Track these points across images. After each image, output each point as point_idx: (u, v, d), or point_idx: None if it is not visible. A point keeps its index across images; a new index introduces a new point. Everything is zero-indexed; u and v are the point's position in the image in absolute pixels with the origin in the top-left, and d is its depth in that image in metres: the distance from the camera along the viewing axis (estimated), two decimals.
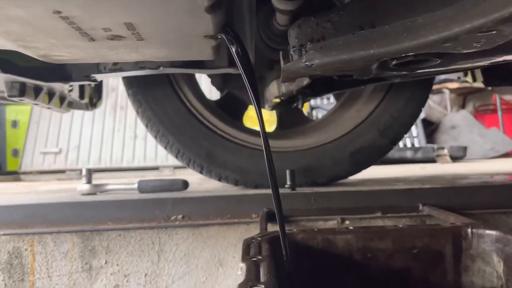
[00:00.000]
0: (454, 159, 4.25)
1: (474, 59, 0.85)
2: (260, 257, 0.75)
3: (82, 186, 1.69)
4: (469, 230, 0.95)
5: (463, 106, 6.79)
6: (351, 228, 1.01)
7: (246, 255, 0.78)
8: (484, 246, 0.94)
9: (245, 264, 0.71)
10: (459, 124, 5.19)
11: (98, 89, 1.86)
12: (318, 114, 4.85)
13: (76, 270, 1.29)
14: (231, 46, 0.69)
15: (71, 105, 1.65)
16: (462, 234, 0.96)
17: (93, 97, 1.80)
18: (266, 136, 0.79)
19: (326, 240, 0.96)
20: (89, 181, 1.69)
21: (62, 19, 0.55)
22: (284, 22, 1.41)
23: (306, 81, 1.09)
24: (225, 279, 1.29)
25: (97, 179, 2.35)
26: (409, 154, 3.91)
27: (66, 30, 0.60)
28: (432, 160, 4.04)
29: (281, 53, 0.95)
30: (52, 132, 5.37)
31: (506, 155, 5.19)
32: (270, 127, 4.32)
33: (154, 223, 1.35)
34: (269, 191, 1.53)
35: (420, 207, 1.37)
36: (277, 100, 1.49)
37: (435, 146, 4.13)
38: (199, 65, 1.13)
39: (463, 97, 6.77)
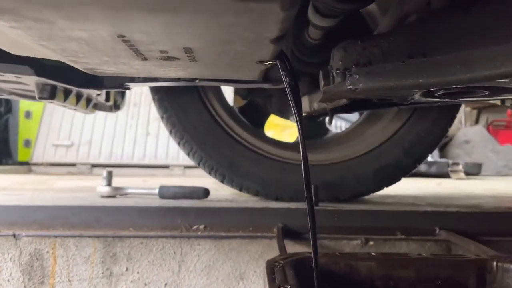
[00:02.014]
0: (468, 175, 4.21)
1: None
2: (288, 287, 0.74)
3: (102, 188, 1.68)
4: (495, 263, 0.93)
5: (477, 120, 6.74)
6: (373, 254, 0.99)
7: (273, 283, 0.77)
8: (509, 280, 0.92)
9: None
10: (473, 139, 5.14)
11: (121, 91, 1.85)
12: (335, 123, 4.82)
13: (96, 275, 1.29)
14: (283, 71, 0.68)
15: (96, 106, 1.65)
16: (487, 268, 0.94)
17: (117, 99, 1.80)
18: (306, 156, 0.78)
19: (349, 266, 0.95)
20: (109, 183, 1.69)
21: (123, 42, 0.54)
22: (317, 37, 1.39)
23: (344, 101, 1.08)
24: None
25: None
26: (423, 168, 3.88)
27: (124, 51, 0.59)
28: (446, 175, 4.00)
29: (321, 73, 0.93)
30: (65, 125, 5.39)
31: None
32: (283, 132, 4.30)
33: (176, 232, 1.34)
34: (291, 205, 1.51)
35: (437, 231, 1.36)
36: (305, 115, 1.47)
37: (450, 161, 4.10)
38: (234, 80, 1.11)
39: (477, 111, 6.72)
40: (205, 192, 1.61)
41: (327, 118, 1.81)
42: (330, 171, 1.61)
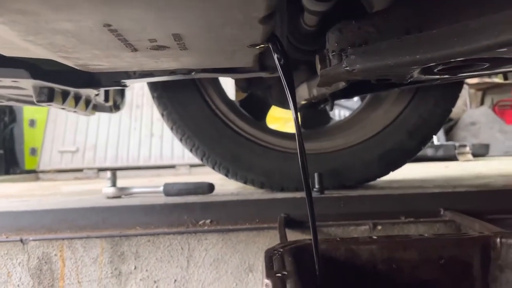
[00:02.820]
0: (476, 156, 4.17)
1: None
2: (285, 273, 0.73)
3: (107, 189, 1.68)
4: (498, 239, 0.91)
5: (482, 101, 6.67)
6: (374, 237, 0.97)
7: (270, 270, 0.75)
8: None
9: (271, 281, 0.68)
10: (479, 120, 5.09)
11: (121, 91, 1.85)
12: (338, 112, 4.80)
13: (105, 275, 1.29)
14: (275, 54, 0.67)
15: (96, 108, 1.64)
16: (491, 244, 0.92)
17: (117, 100, 1.79)
18: (302, 141, 0.77)
19: (350, 251, 0.93)
20: (114, 184, 1.69)
21: (110, 31, 0.54)
22: (312, 23, 1.38)
23: (342, 84, 1.06)
24: (255, 285, 1.28)
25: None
26: (430, 152, 3.84)
27: (112, 41, 0.58)
28: (454, 158, 3.96)
29: (317, 56, 0.92)
30: (69, 131, 5.42)
31: None
32: (286, 124, 4.28)
33: (182, 228, 1.33)
34: (296, 194, 1.50)
35: (442, 212, 1.34)
36: (305, 102, 1.46)
37: (457, 143, 4.06)
38: (231, 70, 1.10)
39: (482, 92, 6.65)
40: (210, 187, 1.60)
41: (327, 107, 1.79)
42: (334, 158, 1.59)
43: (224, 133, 1.59)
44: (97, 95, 1.45)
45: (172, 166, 5.11)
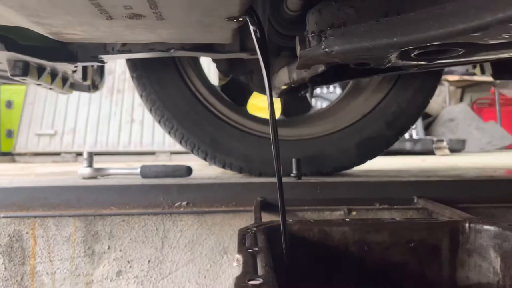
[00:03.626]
0: (453, 151, 4.26)
1: (498, 50, 0.83)
2: (256, 249, 0.73)
3: (83, 169, 1.66)
4: (467, 224, 0.94)
5: (461, 99, 6.80)
6: (347, 220, 0.99)
7: (242, 246, 0.76)
8: (482, 241, 0.94)
9: (242, 256, 0.69)
10: (458, 117, 5.19)
11: (100, 70, 1.82)
12: (319, 104, 4.82)
13: (78, 254, 1.27)
14: (253, 28, 0.67)
15: (73, 86, 1.61)
16: (460, 229, 0.95)
17: (95, 79, 1.76)
18: (275, 123, 0.77)
19: (323, 232, 0.94)
20: (90, 164, 1.67)
21: None
22: (295, 8, 1.37)
23: (321, 68, 1.06)
24: (230, 267, 1.28)
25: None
26: (408, 145, 3.91)
27: (85, 6, 0.57)
28: (431, 152, 4.04)
29: (297, 38, 0.92)
30: (47, 113, 5.31)
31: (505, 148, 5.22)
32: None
33: (158, 209, 1.33)
34: (274, 179, 1.51)
35: (415, 200, 1.37)
36: (285, 87, 1.46)
37: (435, 138, 4.14)
38: (210, 49, 1.09)
39: (461, 89, 6.77)
40: (188, 170, 1.60)
41: (307, 94, 1.80)
42: (312, 145, 1.61)
43: (204, 116, 1.58)
44: (74, 71, 1.42)
45: (152, 153, 5.07)
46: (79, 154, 5.08)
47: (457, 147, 4.34)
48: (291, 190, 1.37)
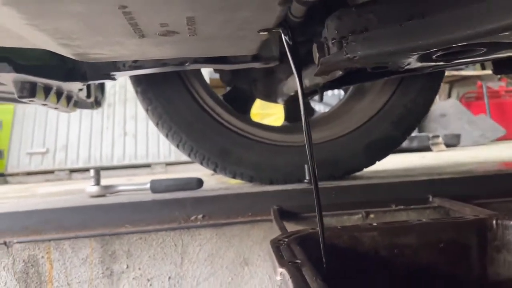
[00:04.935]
0: (448, 146, 4.30)
1: None
2: (298, 261, 0.73)
3: (91, 187, 1.63)
4: (494, 221, 0.95)
5: (449, 94, 6.88)
6: (375, 224, 0.99)
7: (281, 259, 0.75)
8: (510, 237, 0.94)
9: (286, 270, 0.68)
10: (449, 112, 5.25)
11: (101, 87, 1.79)
12: (317, 108, 4.80)
13: (96, 276, 1.25)
14: (285, 39, 0.66)
15: (77, 104, 1.59)
16: (487, 226, 0.95)
17: (97, 95, 1.74)
18: (310, 131, 0.77)
19: (353, 238, 0.94)
20: (97, 182, 1.64)
21: (124, 14, 0.51)
22: (300, 14, 1.37)
23: (339, 73, 1.06)
24: (252, 278, 1.27)
25: (88, 178, 2.24)
26: (405, 143, 3.91)
27: (122, 26, 0.56)
28: (428, 149, 4.08)
29: (315, 45, 0.91)
30: (38, 131, 5.24)
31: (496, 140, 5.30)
32: (263, 120, 4.28)
33: (174, 224, 1.31)
34: (286, 186, 1.50)
35: (431, 199, 1.36)
36: (294, 93, 1.46)
37: (430, 134, 4.18)
38: (224, 60, 1.08)
39: (449, 85, 6.86)
40: (199, 182, 1.58)
41: (311, 99, 1.80)
42: (323, 149, 1.60)
43: (212, 127, 1.56)
44: (81, 89, 1.40)
45: (147, 165, 5.03)
46: (73, 171, 5.01)
47: (452, 142, 4.39)
48: (306, 196, 1.36)
